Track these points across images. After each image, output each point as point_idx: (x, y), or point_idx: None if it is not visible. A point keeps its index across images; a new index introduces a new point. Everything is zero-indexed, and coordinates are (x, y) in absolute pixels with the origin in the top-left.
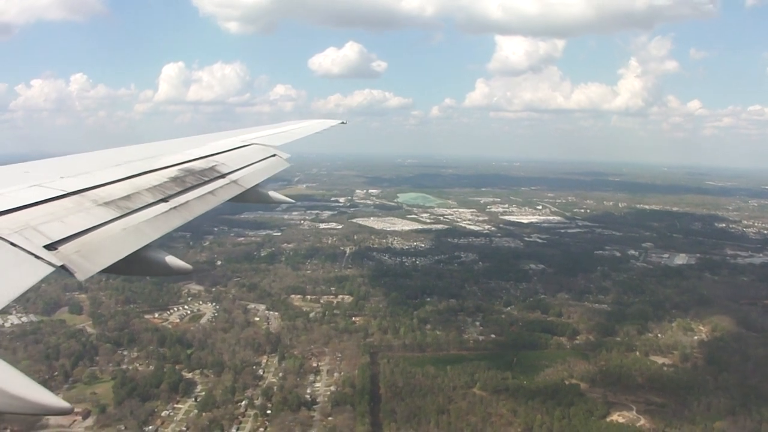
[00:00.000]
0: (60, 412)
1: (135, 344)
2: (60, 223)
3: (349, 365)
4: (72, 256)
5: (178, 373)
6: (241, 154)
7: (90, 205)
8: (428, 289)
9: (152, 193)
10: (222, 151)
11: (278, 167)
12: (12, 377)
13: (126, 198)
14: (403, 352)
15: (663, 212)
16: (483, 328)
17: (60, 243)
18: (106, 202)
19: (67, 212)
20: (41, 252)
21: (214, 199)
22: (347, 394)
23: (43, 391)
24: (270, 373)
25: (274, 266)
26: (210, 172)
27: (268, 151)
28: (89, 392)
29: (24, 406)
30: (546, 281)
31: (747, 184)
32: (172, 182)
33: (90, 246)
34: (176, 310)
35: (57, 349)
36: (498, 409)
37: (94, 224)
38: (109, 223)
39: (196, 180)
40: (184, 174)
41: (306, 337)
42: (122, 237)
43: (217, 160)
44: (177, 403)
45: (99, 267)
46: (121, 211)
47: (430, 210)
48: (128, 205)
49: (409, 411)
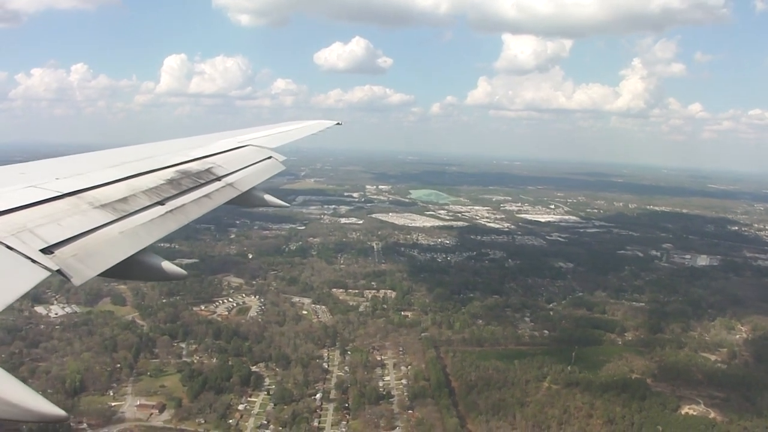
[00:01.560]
0: (55, 420)
1: (190, 336)
2: (56, 226)
3: (414, 359)
4: (68, 260)
5: (245, 366)
6: (237, 155)
7: (86, 208)
8: (469, 285)
9: (149, 195)
10: (218, 153)
11: (274, 170)
12: (8, 385)
13: (123, 200)
14: (463, 347)
15: (674, 214)
16: (534, 324)
17: (56, 246)
18: (103, 205)
19: (63, 214)
20: (38, 256)
21: (210, 203)
22: (423, 388)
23: (39, 399)
24: (335, 366)
25: (308, 260)
26: (206, 175)
27: (264, 153)
28: (158, 385)
29: (20, 413)
30: (580, 279)
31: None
32: (168, 184)
33: (86, 250)
34: (222, 302)
35: (114, 341)
36: (575, 402)
37: (90, 227)
38: (106, 226)
39: (193, 182)
40: (180, 176)
41: (362, 331)
42: (119, 241)
43: (213, 162)
44: (250, 397)
45: (95, 271)
46: (118, 214)
47: (445, 207)
48: (125, 208)
49: (490, 404)
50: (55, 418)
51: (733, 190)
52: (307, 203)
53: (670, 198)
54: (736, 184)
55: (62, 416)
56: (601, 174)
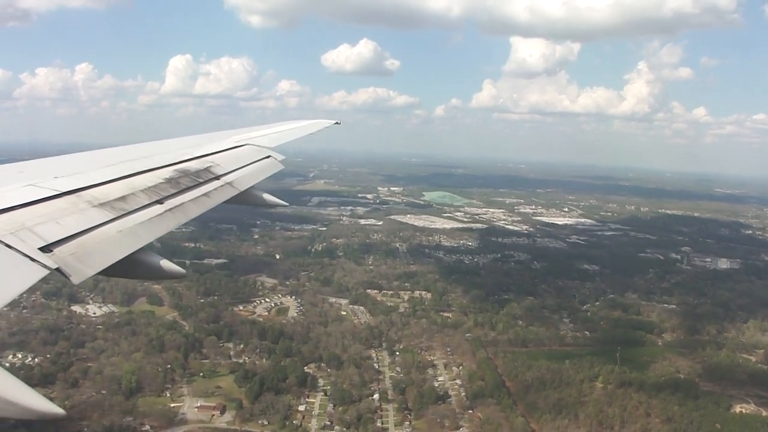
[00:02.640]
0: (53, 418)
1: (236, 337)
2: (55, 224)
3: (463, 359)
4: (67, 259)
5: (299, 367)
6: (236, 155)
7: (85, 206)
8: (503, 287)
9: (147, 194)
10: (217, 152)
11: (272, 169)
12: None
13: (121, 199)
14: (508, 347)
15: (686, 217)
16: (574, 325)
17: (55, 245)
18: (102, 203)
19: (62, 213)
20: (36, 254)
21: (208, 201)
22: (480, 388)
23: (37, 397)
24: (385, 367)
25: (336, 261)
26: (205, 174)
27: (263, 153)
28: (213, 386)
29: (19, 411)
30: (608, 281)
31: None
32: (167, 183)
33: (85, 248)
34: (259, 302)
35: (161, 341)
36: (631, 401)
37: (89, 226)
38: (105, 225)
39: (191, 181)
40: (179, 175)
41: (406, 332)
42: (118, 239)
43: (211, 161)
44: (307, 398)
45: (94, 270)
46: (117, 213)
47: (460, 209)
48: (123, 207)
49: (550, 404)
50: (53, 416)
51: (740, 194)
52: (323, 204)
53: (680, 202)
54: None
55: (60, 414)
56: (606, 177)
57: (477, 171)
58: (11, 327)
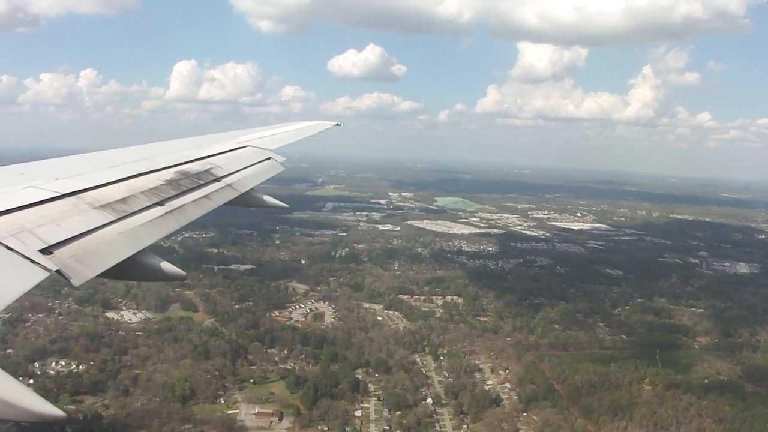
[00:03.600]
0: (53, 420)
1: (278, 343)
2: (56, 226)
3: (508, 363)
4: (68, 261)
5: (351, 372)
6: (236, 156)
7: (86, 208)
8: (533, 291)
9: (148, 196)
10: (217, 153)
11: (273, 170)
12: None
13: (122, 201)
14: (550, 351)
15: (698, 222)
16: (609, 329)
17: (56, 247)
18: (102, 205)
19: (62, 215)
20: (37, 256)
21: (209, 203)
22: (532, 391)
23: (37, 399)
24: (432, 371)
25: (363, 266)
26: (205, 175)
27: (263, 154)
28: (266, 392)
29: (18, 413)
30: (634, 286)
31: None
32: (167, 185)
33: (86, 250)
34: (294, 308)
35: (205, 348)
36: (681, 403)
37: (90, 227)
38: (105, 227)
39: (192, 183)
40: (179, 177)
41: (447, 337)
42: (118, 241)
43: (212, 163)
44: (361, 402)
45: (95, 272)
46: (117, 215)
47: (474, 215)
48: (124, 209)
49: (603, 406)
50: (53, 419)
51: (746, 198)
52: (338, 210)
53: (689, 206)
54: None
55: (60, 416)
56: (611, 182)
57: (483, 176)
58: (50, 334)
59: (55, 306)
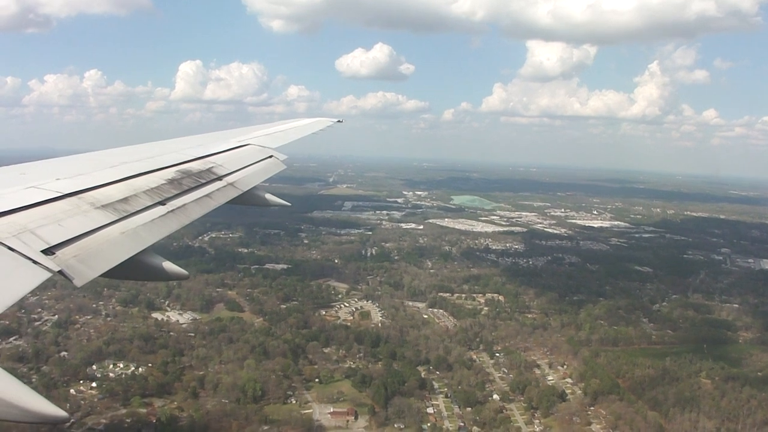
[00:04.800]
0: (56, 421)
1: (333, 342)
2: (57, 227)
3: (564, 359)
4: (70, 261)
5: (415, 370)
6: (238, 155)
7: (87, 208)
8: (571, 288)
9: (149, 195)
10: (219, 152)
11: (275, 169)
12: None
13: (123, 201)
14: (602, 346)
15: (713, 219)
16: (654, 325)
17: (58, 247)
18: (104, 205)
19: (64, 215)
20: (39, 257)
21: (211, 203)
22: (596, 385)
23: (40, 399)
24: (490, 368)
25: (396, 265)
26: (207, 174)
27: (265, 152)
28: (335, 391)
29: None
30: (666, 282)
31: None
32: (169, 184)
33: (88, 250)
34: (340, 307)
35: (264, 348)
36: (741, 395)
37: (91, 228)
38: (107, 227)
39: (193, 182)
40: (181, 176)
41: (498, 334)
42: (120, 241)
43: (213, 162)
44: (430, 400)
45: (97, 272)
46: (119, 215)
47: (493, 213)
48: (126, 208)
49: (669, 398)
50: (55, 419)
51: (755, 196)
52: (357, 209)
53: (701, 204)
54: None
55: (63, 417)
56: (619, 180)
57: (491, 175)
58: (102, 336)
59: (99, 307)
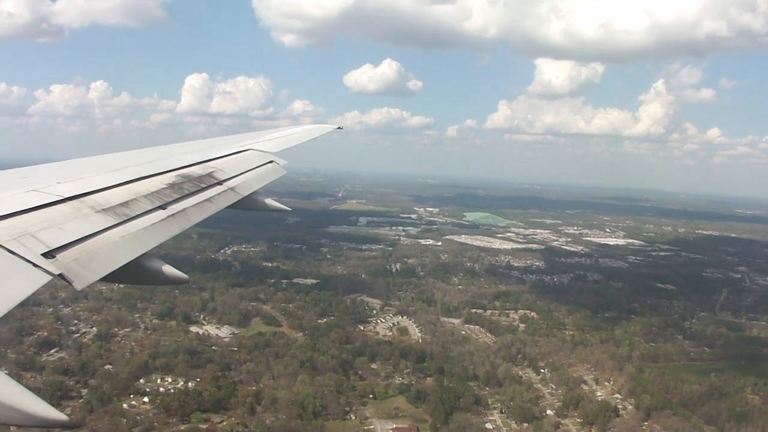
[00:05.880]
0: (58, 425)
1: (378, 357)
2: (58, 230)
3: (610, 375)
4: (70, 264)
5: (468, 386)
6: (238, 160)
7: (88, 212)
8: (602, 305)
9: (150, 199)
10: (219, 157)
11: (275, 174)
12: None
13: (124, 204)
14: (642, 363)
15: (725, 238)
16: (689, 341)
17: (58, 251)
18: (104, 209)
19: (65, 218)
20: (39, 260)
21: (211, 207)
22: (647, 401)
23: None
24: (538, 383)
25: (423, 281)
26: (207, 179)
27: (265, 158)
28: (392, 407)
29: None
30: (692, 300)
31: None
32: (169, 189)
33: (88, 254)
34: (377, 322)
35: (312, 363)
36: None
37: (92, 231)
38: (108, 231)
39: (194, 186)
40: (181, 180)
41: (540, 350)
42: (121, 245)
43: (214, 166)
44: (487, 416)
45: (97, 276)
46: (119, 218)
47: (507, 230)
48: (126, 212)
49: (722, 413)
50: (57, 423)
51: (762, 215)
52: (373, 224)
53: (711, 222)
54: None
55: (65, 421)
56: (626, 198)
57: (497, 192)
58: (144, 349)
59: (137, 320)
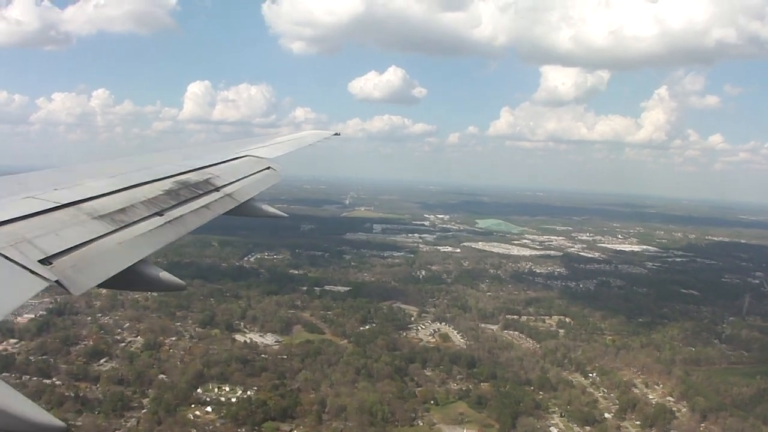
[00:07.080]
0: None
1: (429, 363)
2: (55, 237)
3: (659, 378)
4: (67, 271)
5: (526, 391)
6: (235, 166)
7: (85, 218)
8: (633, 311)
9: (147, 206)
10: (216, 163)
11: (272, 180)
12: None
13: (121, 211)
14: (687, 366)
15: (736, 244)
16: (726, 345)
17: (55, 257)
18: (101, 215)
19: (62, 225)
20: (36, 266)
21: (208, 213)
22: (702, 403)
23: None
24: (589, 387)
25: (453, 287)
26: (204, 185)
27: (262, 164)
28: (455, 413)
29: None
30: (718, 305)
31: None
32: (166, 195)
33: (85, 260)
34: (418, 329)
35: (368, 370)
36: None
37: (89, 238)
38: (105, 237)
39: (191, 193)
40: (178, 186)
41: (585, 355)
42: (118, 251)
43: (211, 173)
44: (548, 420)
45: (94, 282)
46: (116, 225)
47: (522, 236)
48: (123, 219)
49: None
50: (52, 430)
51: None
52: (388, 232)
53: (717, 228)
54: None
55: (60, 427)
56: (630, 204)
57: (502, 199)
58: (195, 358)
59: (179, 329)
